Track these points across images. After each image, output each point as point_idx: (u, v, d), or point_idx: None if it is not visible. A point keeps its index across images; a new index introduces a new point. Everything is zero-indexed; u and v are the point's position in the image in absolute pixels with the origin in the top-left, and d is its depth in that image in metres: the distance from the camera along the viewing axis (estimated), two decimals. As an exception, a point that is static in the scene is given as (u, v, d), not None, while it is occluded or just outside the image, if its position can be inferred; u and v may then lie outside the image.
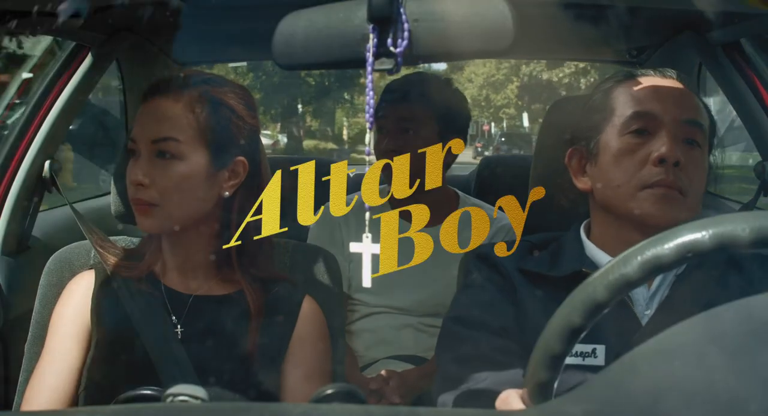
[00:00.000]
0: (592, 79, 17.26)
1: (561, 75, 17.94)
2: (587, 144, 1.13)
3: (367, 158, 0.84)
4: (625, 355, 0.51)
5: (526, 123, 21.38)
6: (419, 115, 1.71)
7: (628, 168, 1.06)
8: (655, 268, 0.58)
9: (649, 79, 1.11)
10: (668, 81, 1.11)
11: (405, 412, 0.69)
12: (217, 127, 1.15)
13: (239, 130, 1.17)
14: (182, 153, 1.13)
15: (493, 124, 22.13)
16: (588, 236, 1.14)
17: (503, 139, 19.17)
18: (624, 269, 0.59)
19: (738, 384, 0.44)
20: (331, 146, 21.60)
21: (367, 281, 0.78)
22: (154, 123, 1.15)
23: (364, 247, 0.80)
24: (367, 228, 0.80)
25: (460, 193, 1.85)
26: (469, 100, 2.01)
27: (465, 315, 1.12)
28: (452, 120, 1.76)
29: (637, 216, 1.04)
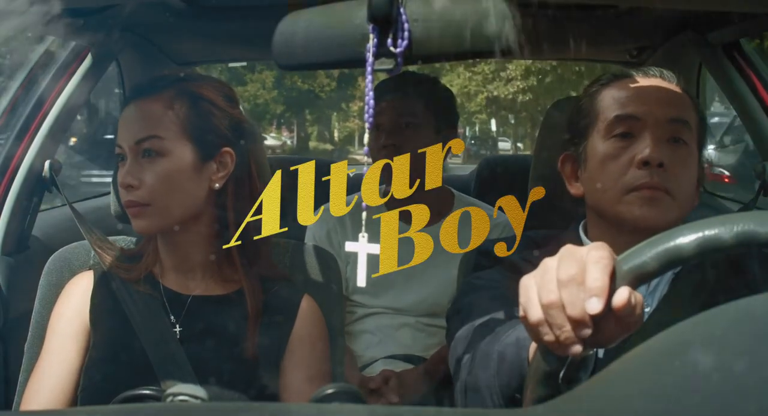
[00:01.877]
0: (528, 97, 20.29)
1: (506, 93, 21.09)
2: (576, 150, 1.13)
3: (366, 158, 0.84)
4: (626, 354, 0.51)
5: (494, 127, 24.74)
6: (416, 110, 1.73)
7: (614, 172, 1.05)
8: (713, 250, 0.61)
9: (632, 81, 1.11)
10: (652, 80, 1.10)
11: (405, 412, 0.69)
12: (198, 120, 1.16)
13: (221, 121, 1.18)
14: (166, 149, 1.14)
15: (467, 128, 25.46)
16: (586, 235, 1.14)
17: (473, 141, 22.41)
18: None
19: (739, 385, 0.44)
20: (328, 146, 24.86)
21: (362, 281, 0.79)
22: (135, 125, 1.16)
23: (360, 247, 0.80)
24: (363, 228, 0.80)
25: (455, 191, 1.85)
26: None
27: (485, 275, 1.12)
28: (445, 115, 1.79)
29: (627, 220, 1.04)
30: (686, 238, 0.62)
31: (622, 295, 0.63)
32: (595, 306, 0.63)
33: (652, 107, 1.06)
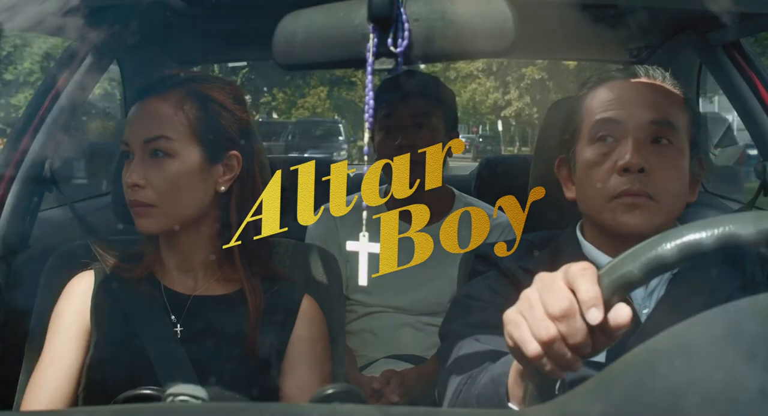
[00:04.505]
0: (525, 113, 24.42)
1: (510, 113, 24.94)
2: (568, 153, 1.13)
3: (366, 158, 0.84)
4: (626, 355, 0.51)
5: (500, 127, 28.71)
6: (427, 110, 1.74)
7: (598, 179, 1.05)
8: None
9: (617, 83, 1.09)
10: (637, 80, 1.09)
11: (406, 412, 0.69)
12: (207, 122, 1.15)
13: (230, 124, 1.17)
14: (175, 150, 1.13)
15: (480, 127, 30.11)
16: (583, 236, 1.14)
17: (481, 139, 26.71)
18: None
19: (739, 385, 0.44)
20: (360, 143, 29.43)
21: (363, 280, 0.79)
22: (144, 124, 1.15)
23: (361, 246, 0.80)
24: (364, 227, 0.80)
25: (456, 191, 1.86)
26: (460, 107, 2.06)
27: (476, 293, 1.12)
28: (451, 115, 1.81)
29: (611, 226, 1.04)
30: (667, 245, 0.63)
31: (624, 311, 0.64)
32: (596, 317, 0.64)
33: (634, 110, 1.05)
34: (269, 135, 17.21)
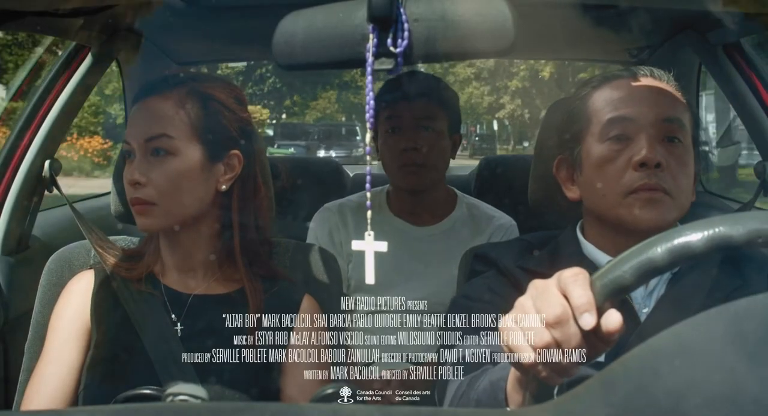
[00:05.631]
0: (518, 112, 26.53)
1: (503, 114, 27.14)
2: (571, 154, 1.13)
3: (367, 158, 0.84)
4: (625, 355, 0.51)
5: (495, 127, 30.59)
6: (432, 113, 1.73)
7: (612, 176, 1.05)
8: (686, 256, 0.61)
9: (624, 82, 1.10)
10: (643, 80, 1.10)
11: (405, 412, 0.69)
12: (209, 121, 1.16)
13: (231, 123, 1.18)
14: (176, 149, 1.14)
15: (478, 126, 31.33)
16: (584, 236, 1.14)
17: (477, 138, 28.55)
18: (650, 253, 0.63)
19: (739, 385, 0.44)
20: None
21: (370, 278, 0.79)
22: (146, 122, 1.16)
23: (367, 245, 0.80)
24: (369, 227, 0.80)
25: (458, 192, 1.85)
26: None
27: (475, 294, 1.13)
28: (454, 116, 1.80)
29: (628, 222, 1.04)
30: (658, 248, 0.62)
31: (615, 317, 0.64)
32: (589, 322, 0.65)
33: (646, 108, 1.06)
34: (299, 136, 21.18)
